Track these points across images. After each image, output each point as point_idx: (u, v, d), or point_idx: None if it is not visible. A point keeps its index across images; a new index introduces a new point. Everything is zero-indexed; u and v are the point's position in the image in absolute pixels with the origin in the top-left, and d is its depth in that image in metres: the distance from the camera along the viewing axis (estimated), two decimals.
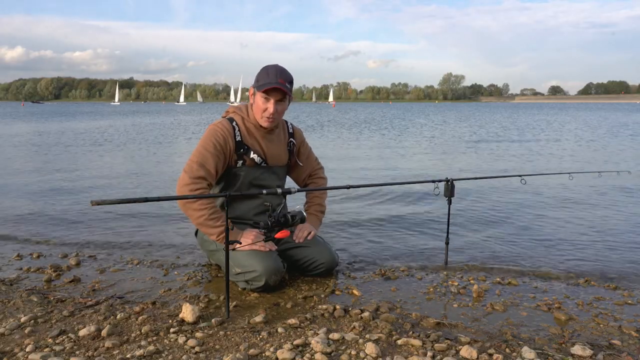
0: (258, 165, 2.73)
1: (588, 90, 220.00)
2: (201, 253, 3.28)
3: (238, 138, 2.67)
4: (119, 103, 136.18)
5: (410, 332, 2.12)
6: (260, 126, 2.70)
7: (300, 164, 2.97)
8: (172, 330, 2.09)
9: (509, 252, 3.48)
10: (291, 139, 2.90)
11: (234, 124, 2.68)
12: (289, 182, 3.02)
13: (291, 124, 2.96)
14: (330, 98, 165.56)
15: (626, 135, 15.77)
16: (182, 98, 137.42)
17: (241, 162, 2.70)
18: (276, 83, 2.55)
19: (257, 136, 2.72)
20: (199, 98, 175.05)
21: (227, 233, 2.19)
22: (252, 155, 2.70)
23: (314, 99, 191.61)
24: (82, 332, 2.06)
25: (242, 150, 2.68)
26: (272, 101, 2.60)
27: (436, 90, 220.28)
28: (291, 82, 2.65)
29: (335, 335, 2.04)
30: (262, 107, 2.62)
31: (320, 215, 2.98)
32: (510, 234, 3.97)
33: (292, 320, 2.20)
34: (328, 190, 3.15)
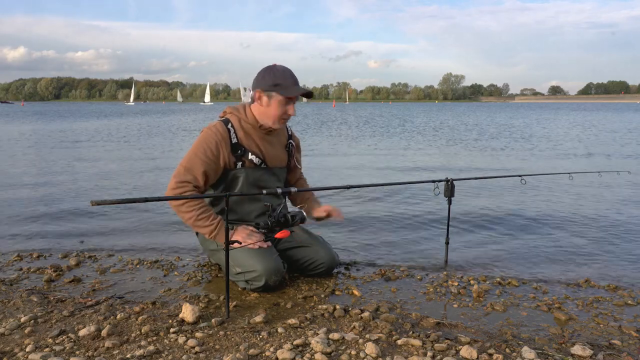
0: (257, 167, 2.72)
1: (588, 90, 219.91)
2: (201, 253, 3.28)
3: (234, 140, 2.64)
4: (133, 103, 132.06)
5: (410, 332, 2.12)
6: (260, 127, 2.69)
7: (299, 165, 2.99)
8: (172, 330, 2.09)
9: (509, 252, 3.48)
10: (290, 141, 2.91)
11: (229, 126, 2.65)
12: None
13: (288, 126, 2.96)
14: (347, 99, 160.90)
15: (625, 134, 15.78)
16: (207, 97, 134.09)
17: (240, 164, 2.68)
18: (303, 88, 2.63)
19: (255, 137, 2.71)
20: (179, 98, 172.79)
21: (227, 234, 2.19)
22: (250, 156, 2.68)
23: (304, 99, 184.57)
24: (82, 332, 2.05)
25: (239, 152, 2.66)
26: (292, 105, 2.65)
27: (436, 90, 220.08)
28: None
29: (335, 335, 2.04)
30: (282, 110, 2.62)
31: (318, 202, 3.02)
32: (510, 234, 3.97)
33: (292, 320, 2.20)
34: (327, 190, 3.15)
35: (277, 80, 2.59)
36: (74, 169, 7.77)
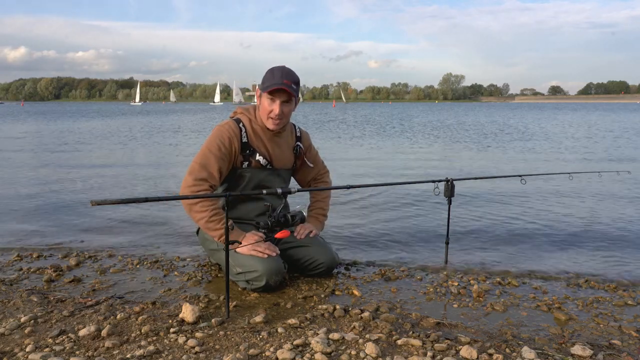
0: (263, 167, 2.73)
1: (588, 90, 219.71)
2: (201, 253, 3.28)
3: (244, 139, 2.66)
4: (140, 103, 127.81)
5: (410, 332, 2.12)
6: (268, 128, 2.69)
7: (311, 165, 2.96)
8: (172, 330, 2.09)
9: (509, 252, 3.48)
10: (298, 143, 2.90)
11: (240, 125, 2.67)
12: (293, 184, 3.02)
13: (299, 127, 2.96)
14: (344, 99, 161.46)
15: (622, 133, 15.77)
16: (217, 97, 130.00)
17: (247, 163, 2.69)
18: (281, 84, 2.53)
19: (263, 138, 2.71)
20: (172, 98, 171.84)
21: (227, 233, 2.19)
22: (257, 157, 2.69)
23: (302, 99, 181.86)
24: (82, 332, 2.06)
25: (247, 151, 2.67)
26: (277, 102, 2.59)
27: (436, 90, 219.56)
28: (297, 83, 2.62)
29: (335, 335, 2.04)
30: (268, 109, 2.61)
31: (322, 218, 2.98)
32: (510, 234, 3.97)
33: (292, 320, 2.20)
34: (327, 190, 3.15)
35: (266, 78, 2.61)
36: (75, 169, 7.77)
